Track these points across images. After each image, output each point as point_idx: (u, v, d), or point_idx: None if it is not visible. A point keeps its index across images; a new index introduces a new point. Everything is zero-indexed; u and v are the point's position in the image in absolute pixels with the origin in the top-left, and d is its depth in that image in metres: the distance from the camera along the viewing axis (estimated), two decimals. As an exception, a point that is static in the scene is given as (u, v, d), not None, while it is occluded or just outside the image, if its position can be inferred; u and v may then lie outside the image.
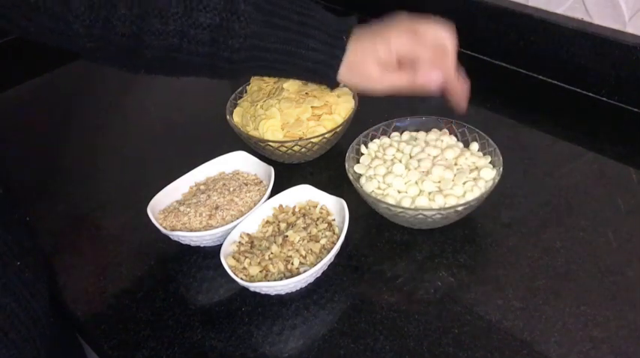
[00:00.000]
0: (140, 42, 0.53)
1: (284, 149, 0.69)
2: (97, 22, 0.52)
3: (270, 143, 0.68)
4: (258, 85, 0.76)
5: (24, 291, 0.50)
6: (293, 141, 0.68)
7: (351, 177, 0.62)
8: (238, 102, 0.76)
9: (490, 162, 0.64)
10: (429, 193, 0.60)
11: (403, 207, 0.59)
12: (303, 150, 0.70)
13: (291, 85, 0.72)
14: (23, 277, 0.51)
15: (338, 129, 0.70)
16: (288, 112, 0.70)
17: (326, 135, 0.69)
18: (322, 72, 0.59)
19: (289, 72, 0.60)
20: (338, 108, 0.71)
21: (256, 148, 0.71)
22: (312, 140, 0.68)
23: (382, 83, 0.59)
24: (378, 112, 0.75)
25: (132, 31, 0.53)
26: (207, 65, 0.57)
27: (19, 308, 0.49)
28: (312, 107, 0.70)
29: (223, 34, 0.54)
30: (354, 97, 0.74)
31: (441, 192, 0.60)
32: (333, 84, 0.61)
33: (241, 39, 0.55)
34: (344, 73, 0.59)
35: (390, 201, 0.60)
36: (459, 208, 0.58)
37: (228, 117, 0.74)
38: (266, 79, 0.77)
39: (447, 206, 0.58)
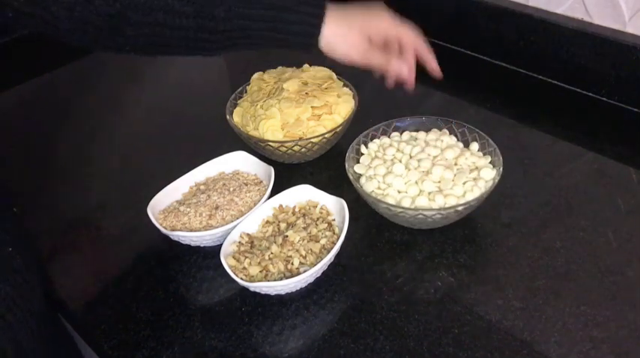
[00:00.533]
0: (123, 20, 0.53)
1: (284, 149, 0.69)
2: (77, 4, 0.51)
3: (270, 143, 0.68)
4: (258, 85, 0.76)
5: (17, 277, 0.51)
6: (293, 141, 0.68)
7: (351, 177, 0.62)
8: (238, 102, 0.76)
9: (490, 162, 0.64)
10: (429, 193, 0.60)
11: (403, 207, 0.59)
12: (303, 150, 0.70)
13: (291, 85, 0.72)
14: (15, 263, 0.51)
15: (338, 129, 0.70)
16: (288, 112, 0.70)
17: (326, 135, 0.69)
18: (306, 33, 0.59)
19: (272, 40, 0.60)
20: (338, 108, 0.71)
21: (256, 148, 0.71)
22: (312, 140, 0.68)
23: (364, 57, 0.62)
24: (378, 112, 0.75)
25: (115, 9, 0.52)
26: (190, 39, 0.57)
27: (13, 292, 0.50)
28: (312, 107, 0.70)
29: (208, 4, 0.55)
30: (353, 97, 0.74)
31: (441, 192, 0.60)
32: (314, 46, 0.61)
33: (226, 7, 0.55)
34: (328, 37, 0.60)
35: (390, 201, 0.60)
36: (459, 208, 0.58)
37: (228, 117, 0.74)
38: (266, 78, 0.77)
39: (447, 206, 0.58)
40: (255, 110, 0.72)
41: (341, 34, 0.60)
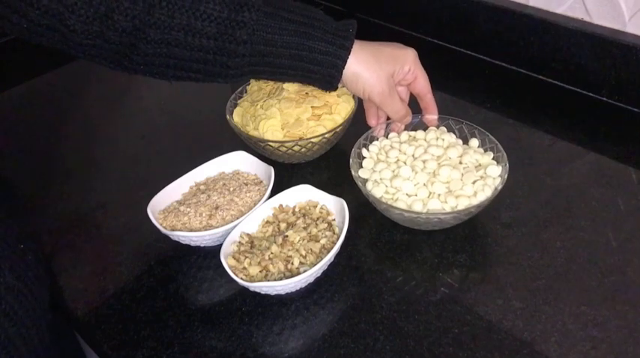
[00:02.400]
0: (141, 37, 0.52)
1: (284, 149, 0.69)
2: (95, 18, 0.50)
3: (270, 143, 0.68)
4: (259, 84, 0.76)
5: (29, 273, 0.51)
6: (293, 141, 0.68)
7: (359, 184, 0.62)
8: (238, 102, 0.76)
9: (493, 158, 0.64)
10: (439, 195, 0.60)
11: (418, 212, 0.59)
12: (303, 150, 0.70)
13: (291, 85, 0.72)
14: (27, 259, 0.52)
15: (338, 129, 0.70)
16: (288, 112, 0.70)
17: (326, 135, 0.69)
18: (330, 64, 0.58)
19: (294, 69, 0.58)
20: (338, 108, 0.71)
21: (256, 148, 0.71)
22: (312, 140, 0.68)
23: (383, 98, 0.62)
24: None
25: (134, 25, 0.51)
26: (209, 61, 0.55)
27: (25, 290, 0.50)
28: (312, 107, 0.70)
29: (231, 26, 0.53)
30: (353, 97, 0.74)
31: (451, 193, 0.60)
32: (337, 79, 0.60)
33: (250, 30, 0.54)
34: (353, 66, 0.59)
35: (402, 205, 0.60)
36: (472, 209, 0.58)
37: (228, 117, 0.74)
38: None
39: (460, 208, 0.58)
40: (255, 110, 0.72)
41: (366, 66, 0.59)
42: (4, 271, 0.48)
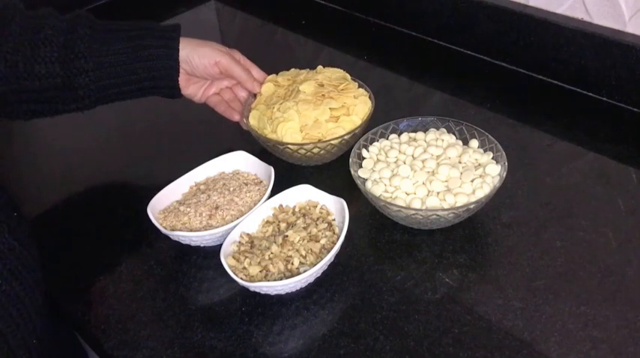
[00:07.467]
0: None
1: (303, 151, 0.69)
2: None
3: (289, 145, 0.68)
4: (273, 88, 0.75)
5: (24, 237, 0.53)
6: (312, 143, 0.68)
7: (359, 183, 0.62)
8: (252, 106, 0.75)
9: (493, 158, 0.64)
10: (438, 193, 0.60)
11: (417, 209, 0.59)
12: (322, 152, 0.69)
13: (307, 87, 0.72)
14: (22, 225, 0.54)
15: (357, 131, 0.69)
16: (306, 114, 0.69)
17: (345, 137, 0.69)
18: (165, 55, 0.67)
19: (135, 81, 0.67)
20: (356, 109, 0.71)
21: (274, 151, 0.71)
22: (332, 142, 0.68)
23: (227, 57, 0.70)
24: (379, 113, 0.74)
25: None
26: (58, 86, 0.63)
27: (25, 251, 0.52)
28: (329, 109, 0.70)
29: (70, 45, 0.62)
30: (370, 98, 0.73)
31: (450, 191, 0.60)
32: (176, 74, 0.68)
33: (86, 43, 0.63)
34: (191, 47, 0.68)
35: (401, 203, 0.60)
36: (472, 206, 0.58)
37: (245, 121, 0.73)
38: (279, 81, 0.76)
39: (459, 204, 0.58)
40: (272, 113, 0.71)
41: (197, 42, 0.69)
42: (4, 233, 0.50)
